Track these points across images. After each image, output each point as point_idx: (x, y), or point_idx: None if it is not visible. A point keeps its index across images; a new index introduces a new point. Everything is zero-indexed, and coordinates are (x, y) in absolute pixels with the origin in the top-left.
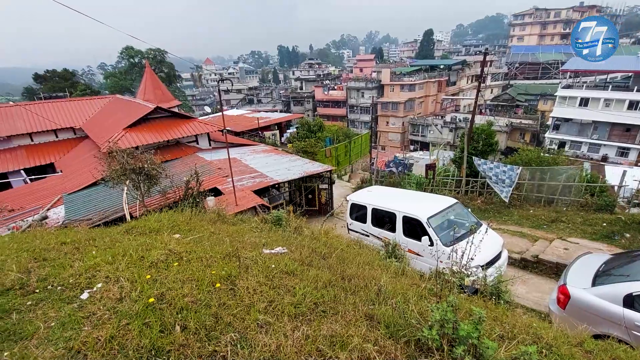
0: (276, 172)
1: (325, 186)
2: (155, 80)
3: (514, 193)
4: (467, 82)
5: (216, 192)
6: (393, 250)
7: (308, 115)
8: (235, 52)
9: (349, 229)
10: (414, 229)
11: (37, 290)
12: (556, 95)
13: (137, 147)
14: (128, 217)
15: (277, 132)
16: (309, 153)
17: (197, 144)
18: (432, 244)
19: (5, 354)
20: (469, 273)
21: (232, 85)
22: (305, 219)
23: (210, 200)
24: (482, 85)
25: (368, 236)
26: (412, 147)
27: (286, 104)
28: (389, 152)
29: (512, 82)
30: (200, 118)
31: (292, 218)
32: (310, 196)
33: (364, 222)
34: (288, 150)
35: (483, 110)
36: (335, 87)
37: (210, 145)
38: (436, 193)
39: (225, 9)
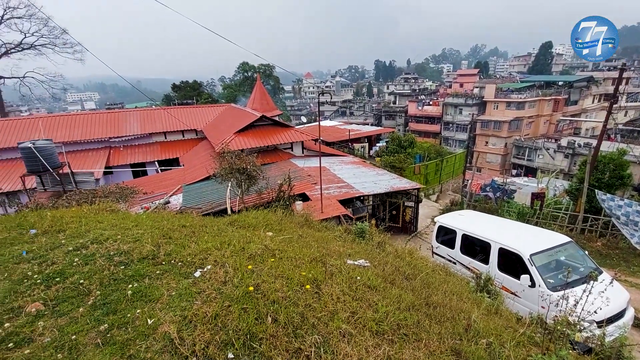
0: (362, 184)
1: (411, 204)
2: (263, 92)
3: None
4: (593, 102)
5: (304, 197)
6: (485, 285)
7: (399, 130)
8: (333, 66)
9: (433, 253)
10: (512, 264)
11: (163, 263)
12: None
13: (242, 150)
14: (229, 210)
15: (367, 144)
16: (396, 168)
17: (292, 150)
18: (533, 285)
19: (138, 311)
20: (582, 327)
21: (331, 97)
22: (390, 235)
23: (299, 205)
24: (614, 105)
25: (455, 263)
26: (514, 172)
27: (377, 118)
28: (485, 174)
29: None
30: (297, 127)
31: (375, 232)
32: (394, 212)
33: (452, 247)
34: (376, 164)
35: (612, 136)
36: (431, 103)
37: (303, 152)
38: (542, 227)
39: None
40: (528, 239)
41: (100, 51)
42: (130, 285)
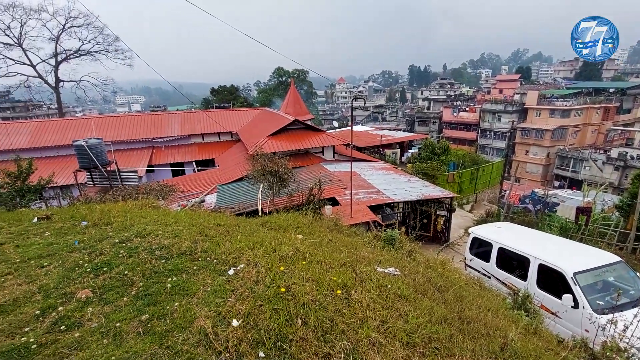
0: (393, 190)
1: (443, 213)
2: (296, 96)
3: None
4: None
5: (334, 201)
6: (523, 302)
7: (432, 136)
8: (367, 71)
9: (466, 265)
10: (552, 282)
11: (200, 259)
12: None
13: (275, 153)
14: (260, 211)
15: (398, 151)
16: (429, 176)
17: (323, 154)
18: (576, 306)
19: (176, 304)
20: (632, 355)
21: (365, 103)
22: (420, 244)
23: (328, 209)
24: None
25: (490, 278)
26: (556, 184)
27: (410, 124)
28: (525, 185)
29: None
30: (328, 131)
31: (405, 240)
32: (425, 221)
33: (487, 260)
34: (407, 171)
35: None
36: (467, 109)
37: (334, 157)
38: (588, 244)
39: (365, 33)
40: (572, 256)
41: (146, 57)
42: (169, 279)
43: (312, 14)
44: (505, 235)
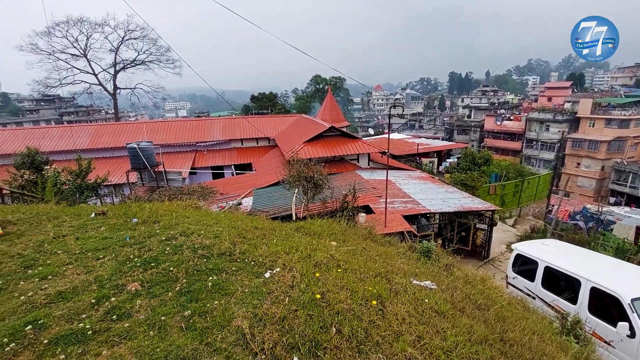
0: (429, 201)
1: (483, 227)
2: (333, 103)
3: None
4: None
5: (368, 209)
6: (572, 328)
7: (473, 145)
8: (404, 78)
9: (508, 283)
10: (606, 308)
11: (238, 260)
12: None
13: (310, 159)
14: (294, 216)
15: (436, 160)
16: (468, 187)
17: (358, 162)
18: (633, 335)
19: (216, 302)
20: None
21: (403, 110)
22: (458, 258)
23: (362, 217)
24: None
25: (534, 298)
26: (612, 200)
27: (449, 132)
28: (575, 200)
29: None
30: (364, 139)
31: (442, 253)
32: (463, 234)
33: (531, 279)
34: (445, 181)
35: None
36: (512, 117)
37: (369, 164)
38: None
39: (403, 39)
40: (630, 281)
41: (192, 65)
42: (210, 278)
43: (349, 21)
44: (553, 253)
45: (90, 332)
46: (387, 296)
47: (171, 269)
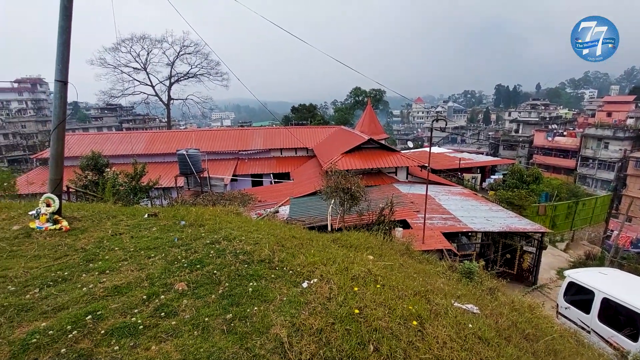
0: (471, 218)
1: (531, 249)
2: (372, 116)
3: None
4: None
5: (405, 224)
6: None
7: (520, 162)
8: (447, 91)
9: (558, 313)
10: None
11: (277, 268)
12: None
13: (348, 170)
14: (329, 227)
15: (479, 176)
16: (515, 206)
17: (396, 175)
18: None
19: (255, 308)
20: None
21: (446, 124)
22: (505, 282)
23: (399, 232)
24: None
25: (589, 332)
26: None
27: (494, 147)
28: (638, 226)
29: None
30: (402, 152)
31: (485, 275)
32: (508, 256)
33: (586, 311)
34: (489, 198)
35: None
36: (565, 133)
37: (407, 178)
38: None
39: (447, 51)
40: None
41: (238, 77)
42: (250, 283)
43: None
44: (612, 284)
45: (141, 326)
46: (427, 317)
47: (215, 271)
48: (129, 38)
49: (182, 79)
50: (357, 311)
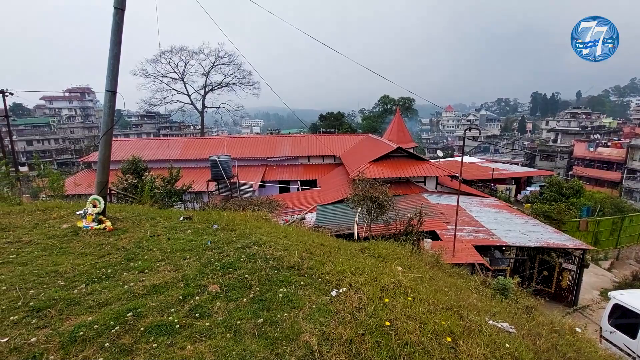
0: (505, 232)
1: (571, 267)
2: (401, 124)
3: None
4: None
5: (434, 235)
6: None
7: (559, 173)
8: (479, 99)
9: (602, 337)
10: None
11: (306, 275)
12: None
13: (376, 179)
14: (356, 235)
15: (513, 187)
16: (553, 220)
17: (425, 185)
18: None
19: (285, 314)
20: None
21: (479, 133)
22: (542, 301)
23: (427, 243)
24: None
25: (634, 359)
26: None
27: (530, 157)
28: None
29: None
30: (431, 161)
31: (521, 293)
32: (545, 273)
33: (632, 336)
34: (524, 211)
35: None
36: (609, 144)
37: (436, 188)
38: None
39: (480, 58)
40: None
41: (266, 86)
42: (280, 289)
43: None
44: None
45: (177, 326)
46: (460, 334)
47: (246, 276)
48: (169, 50)
49: (215, 88)
50: (388, 323)
